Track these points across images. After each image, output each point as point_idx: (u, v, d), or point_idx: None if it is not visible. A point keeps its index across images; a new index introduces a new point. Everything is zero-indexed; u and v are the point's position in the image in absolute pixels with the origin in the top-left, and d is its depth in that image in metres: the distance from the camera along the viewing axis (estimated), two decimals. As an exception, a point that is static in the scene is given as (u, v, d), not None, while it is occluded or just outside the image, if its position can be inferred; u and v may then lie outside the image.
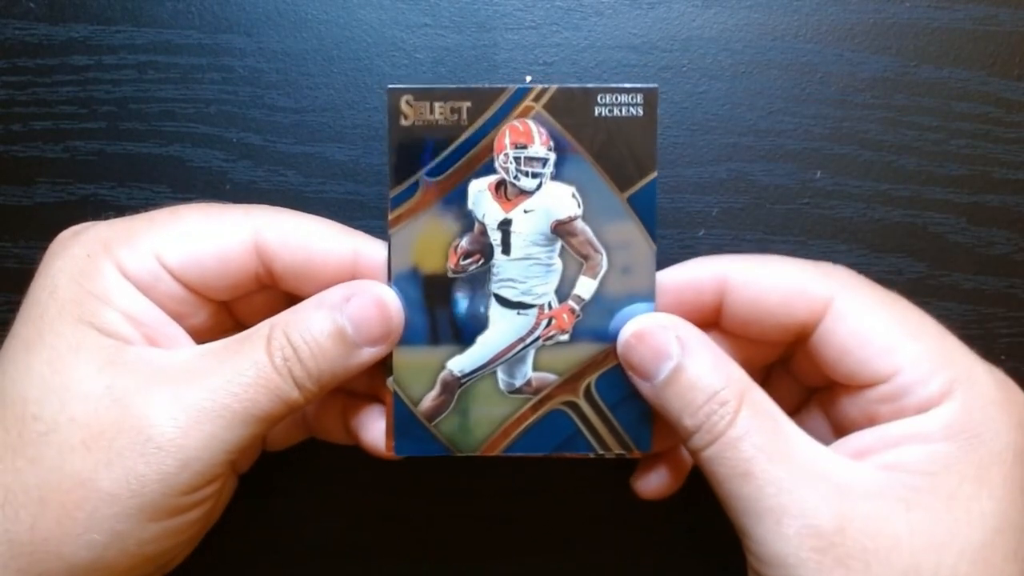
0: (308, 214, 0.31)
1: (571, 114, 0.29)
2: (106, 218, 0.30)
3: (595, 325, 0.30)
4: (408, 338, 0.30)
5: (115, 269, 0.28)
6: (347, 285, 0.30)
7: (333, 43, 0.36)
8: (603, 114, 0.29)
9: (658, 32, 0.36)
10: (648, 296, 0.30)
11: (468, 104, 0.29)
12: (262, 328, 0.28)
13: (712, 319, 0.31)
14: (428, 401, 0.30)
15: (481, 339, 0.30)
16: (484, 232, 0.30)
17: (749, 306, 0.30)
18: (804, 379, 0.32)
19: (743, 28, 0.36)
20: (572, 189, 0.30)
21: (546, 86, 0.29)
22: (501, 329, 0.30)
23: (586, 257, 0.30)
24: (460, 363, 0.30)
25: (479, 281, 0.30)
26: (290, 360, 0.28)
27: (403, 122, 0.29)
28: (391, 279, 0.30)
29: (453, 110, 0.29)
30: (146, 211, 0.31)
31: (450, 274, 0.30)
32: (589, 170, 0.30)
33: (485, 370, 0.31)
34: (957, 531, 0.25)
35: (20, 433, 0.26)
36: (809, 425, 0.32)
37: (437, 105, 0.29)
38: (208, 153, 0.36)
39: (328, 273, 0.30)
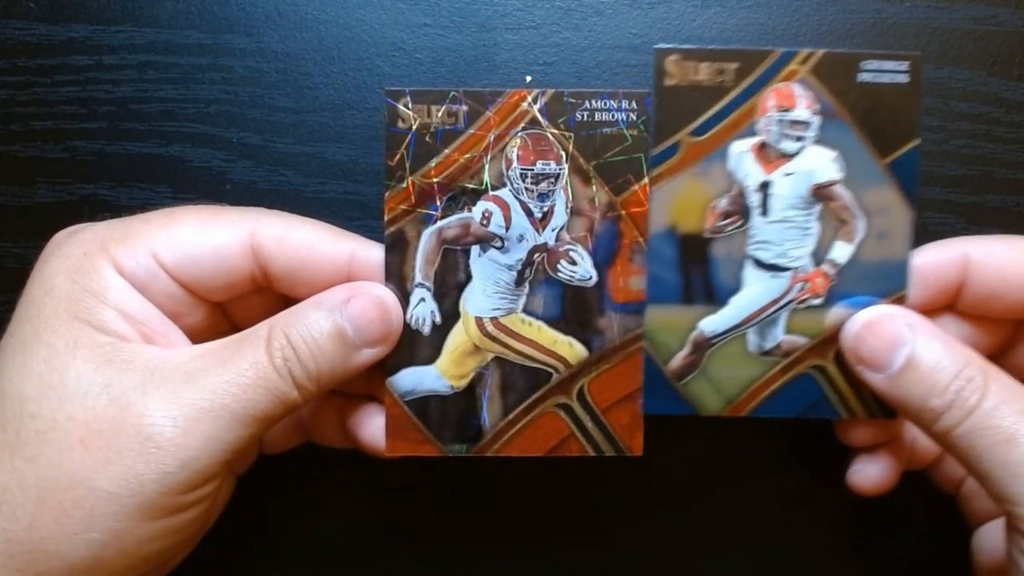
0: (304, 217, 0.31)
1: (836, 79, 0.29)
2: (102, 219, 0.30)
3: (849, 290, 0.30)
4: (661, 296, 0.30)
5: (111, 267, 0.28)
6: (347, 286, 0.30)
7: (333, 43, 0.36)
8: (867, 80, 0.29)
9: (658, 32, 0.36)
10: (902, 263, 0.30)
11: (735, 66, 0.29)
12: (261, 328, 0.28)
13: (950, 301, 0.31)
14: (678, 360, 0.31)
15: (734, 300, 0.30)
16: (742, 194, 0.30)
17: (992, 282, 0.30)
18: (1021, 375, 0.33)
19: (743, 28, 0.36)
20: (834, 154, 0.30)
21: (812, 50, 0.29)
22: (755, 291, 0.30)
23: (844, 222, 0.30)
24: (712, 323, 0.30)
25: (735, 242, 0.30)
26: (290, 360, 0.28)
27: (667, 81, 0.30)
28: (647, 240, 0.30)
29: (719, 71, 0.29)
30: (144, 212, 0.31)
31: (707, 234, 0.30)
32: (851, 135, 0.30)
33: (736, 331, 0.31)
34: None
35: (18, 431, 0.26)
36: None
37: (703, 66, 0.29)
38: (208, 153, 0.36)
39: (324, 275, 0.30)
